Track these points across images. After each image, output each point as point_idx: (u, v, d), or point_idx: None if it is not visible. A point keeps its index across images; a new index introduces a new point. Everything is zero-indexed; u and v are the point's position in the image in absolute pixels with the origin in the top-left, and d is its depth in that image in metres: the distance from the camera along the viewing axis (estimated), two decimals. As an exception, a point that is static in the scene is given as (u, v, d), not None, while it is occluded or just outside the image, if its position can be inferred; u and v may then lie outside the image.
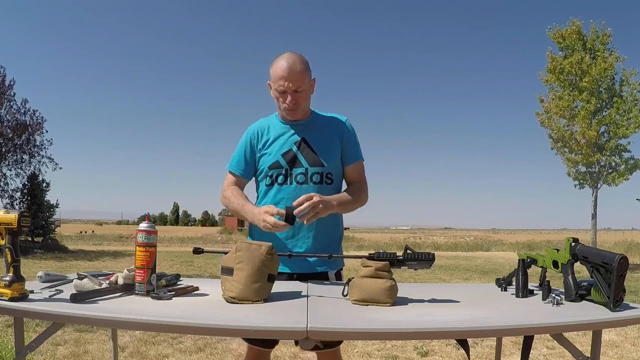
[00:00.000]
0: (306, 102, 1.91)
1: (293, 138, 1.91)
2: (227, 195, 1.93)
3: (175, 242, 26.37)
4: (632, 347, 4.06)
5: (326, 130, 1.95)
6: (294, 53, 1.87)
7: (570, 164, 13.15)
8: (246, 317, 1.22)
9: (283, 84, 1.81)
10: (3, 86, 15.71)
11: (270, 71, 1.87)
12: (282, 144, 1.91)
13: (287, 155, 1.89)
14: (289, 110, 1.87)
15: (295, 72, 1.81)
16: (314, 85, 1.93)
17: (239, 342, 4.00)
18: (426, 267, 1.46)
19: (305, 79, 1.85)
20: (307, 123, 1.95)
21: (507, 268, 11.90)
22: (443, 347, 3.98)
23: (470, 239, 36.86)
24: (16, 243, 1.31)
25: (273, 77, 1.85)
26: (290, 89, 1.82)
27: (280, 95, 1.85)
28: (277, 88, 1.84)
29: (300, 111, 1.90)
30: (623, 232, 44.02)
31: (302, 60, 1.85)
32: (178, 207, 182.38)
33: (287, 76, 1.80)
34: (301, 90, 1.84)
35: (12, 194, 16.75)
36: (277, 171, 1.89)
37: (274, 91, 1.88)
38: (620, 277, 1.34)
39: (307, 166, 1.88)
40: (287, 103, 1.84)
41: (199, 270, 10.15)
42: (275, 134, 1.94)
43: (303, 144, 1.90)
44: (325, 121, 1.98)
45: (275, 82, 1.84)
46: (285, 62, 1.81)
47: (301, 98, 1.86)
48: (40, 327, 3.94)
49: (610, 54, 12.50)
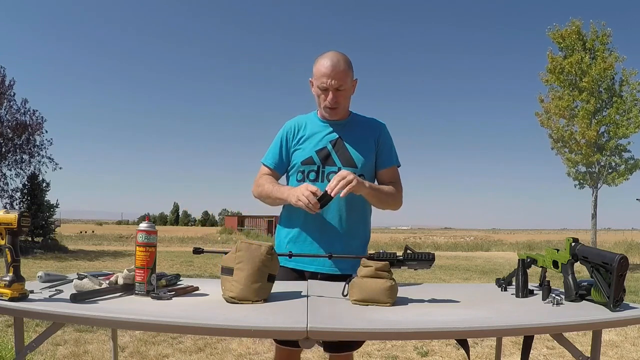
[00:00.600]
0: (346, 101, 1.91)
1: (329, 136, 1.91)
2: (260, 182, 1.94)
3: (175, 242, 26.39)
4: (632, 347, 4.06)
5: (363, 132, 1.94)
6: (338, 52, 1.87)
7: (570, 164, 13.16)
8: (246, 317, 1.22)
9: (325, 81, 1.81)
10: (3, 86, 15.71)
11: (314, 68, 1.87)
12: (317, 140, 1.91)
13: (321, 153, 1.89)
14: (329, 109, 1.87)
15: (338, 71, 1.81)
16: (356, 85, 1.94)
17: (239, 342, 4.00)
18: (426, 267, 1.46)
19: (347, 78, 1.85)
20: (345, 123, 1.94)
21: (507, 268, 11.91)
22: (443, 347, 3.98)
23: (470, 239, 36.88)
24: (16, 243, 1.31)
25: (316, 74, 1.85)
26: (332, 87, 1.82)
27: (322, 93, 1.85)
28: (319, 85, 1.84)
29: (341, 110, 1.90)
30: (623, 232, 44.03)
31: (345, 59, 1.86)
32: (178, 207, 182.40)
33: (330, 74, 1.80)
34: (343, 89, 1.84)
35: (12, 194, 16.76)
36: (309, 167, 1.89)
37: (315, 88, 1.88)
38: (620, 277, 1.34)
39: (340, 165, 1.87)
40: (328, 101, 1.84)
41: (199, 270, 10.15)
42: (312, 131, 1.94)
43: (339, 143, 1.90)
44: (364, 123, 1.98)
45: (317, 79, 1.84)
46: (329, 60, 1.82)
47: (342, 97, 1.86)
48: (40, 327, 3.94)
49: (610, 54, 12.51)
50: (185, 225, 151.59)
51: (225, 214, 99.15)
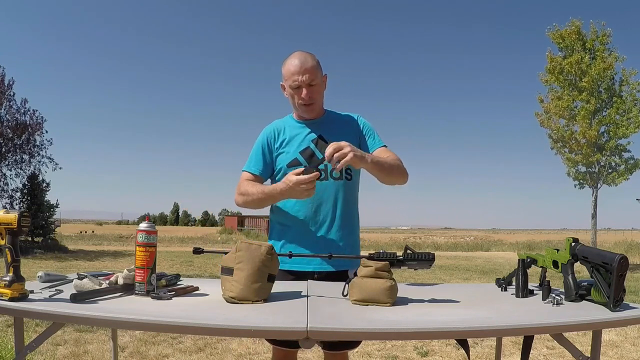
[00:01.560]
0: (320, 98, 1.93)
1: (310, 136, 1.92)
2: (244, 188, 1.89)
3: (175, 242, 26.38)
4: (632, 347, 4.06)
5: (342, 127, 1.96)
6: (303, 51, 1.89)
7: (570, 164, 13.15)
8: (246, 317, 1.22)
9: (297, 78, 1.83)
10: (3, 86, 15.70)
11: (283, 71, 1.89)
12: (299, 142, 1.92)
13: (305, 153, 1.90)
14: (304, 106, 1.88)
15: (307, 67, 1.83)
16: (326, 81, 1.95)
17: (239, 342, 4.00)
18: (426, 267, 1.46)
19: (317, 73, 1.87)
20: (322, 121, 1.96)
21: (507, 268, 11.91)
22: (443, 347, 3.98)
23: (470, 239, 36.87)
24: (16, 243, 1.31)
25: (286, 75, 1.87)
26: (305, 83, 1.84)
27: (295, 92, 1.87)
28: (291, 84, 1.86)
29: (316, 107, 1.92)
30: (623, 232, 44.02)
31: (312, 56, 1.88)
32: (178, 207, 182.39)
33: (300, 70, 1.83)
34: (315, 83, 1.86)
35: (12, 194, 16.76)
36: (295, 169, 1.87)
37: (288, 89, 1.89)
38: (620, 277, 1.34)
39: (326, 162, 1.87)
40: (302, 97, 1.85)
41: (199, 270, 10.15)
42: (292, 133, 1.95)
43: (320, 141, 1.91)
44: (340, 119, 2.01)
45: (288, 79, 1.86)
46: (296, 59, 1.85)
47: (316, 92, 1.88)
48: (40, 327, 3.94)
49: (610, 54, 12.50)
50: (185, 225, 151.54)
51: (225, 214, 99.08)
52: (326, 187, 1.88)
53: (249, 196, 1.88)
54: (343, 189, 1.90)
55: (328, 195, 1.88)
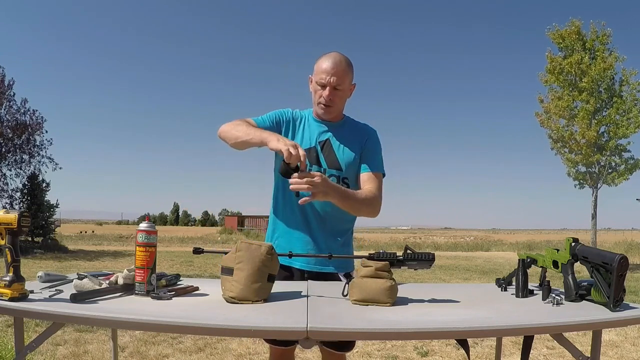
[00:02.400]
0: (342, 102, 1.90)
1: (319, 137, 1.91)
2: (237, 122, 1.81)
3: (175, 242, 26.37)
4: (632, 347, 4.06)
5: (352, 136, 1.93)
6: (342, 54, 1.87)
7: (570, 164, 13.16)
8: (246, 317, 1.22)
9: (325, 77, 1.81)
10: (2, 86, 15.70)
11: (315, 65, 1.87)
12: (307, 139, 1.91)
13: (310, 152, 1.89)
14: (323, 106, 1.86)
15: (339, 69, 1.81)
16: (353, 90, 1.93)
17: (239, 342, 4.00)
18: (426, 267, 1.46)
19: (347, 78, 1.85)
20: (337, 126, 1.94)
21: (507, 268, 11.91)
22: (443, 347, 3.98)
23: (470, 239, 36.88)
24: (16, 243, 1.31)
25: (316, 70, 1.85)
26: (331, 84, 1.82)
27: (320, 89, 1.85)
28: (318, 80, 1.84)
29: (334, 110, 1.89)
30: (623, 232, 44.03)
31: (348, 61, 1.86)
32: (178, 207, 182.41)
33: (330, 71, 1.80)
34: (340, 88, 1.84)
35: (12, 194, 16.76)
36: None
37: (314, 84, 1.88)
38: (620, 277, 1.34)
39: (325, 167, 1.88)
40: (323, 97, 1.84)
41: (199, 270, 10.15)
42: (305, 127, 1.94)
43: (327, 145, 1.90)
44: (355, 128, 1.97)
45: (317, 75, 1.84)
46: (331, 58, 1.83)
47: (338, 97, 1.86)
48: (40, 327, 3.94)
49: (610, 54, 12.51)
50: (185, 225, 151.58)
51: (225, 214, 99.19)
52: None
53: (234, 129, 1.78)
54: None
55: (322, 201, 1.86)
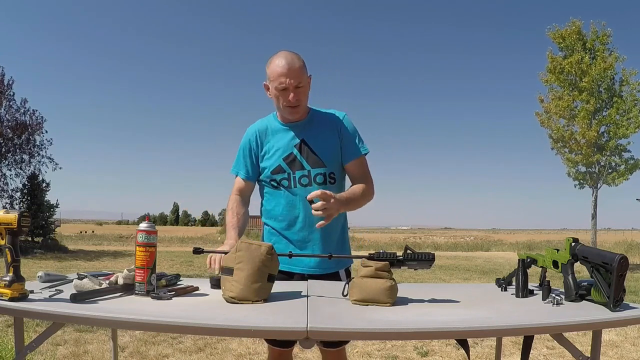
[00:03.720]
0: (306, 99, 1.90)
1: (293, 141, 1.91)
2: (228, 207, 1.96)
3: (175, 242, 26.35)
4: (632, 347, 4.06)
5: (325, 129, 1.93)
6: (290, 51, 1.86)
7: (570, 164, 13.15)
8: (246, 317, 1.22)
9: (284, 80, 1.79)
10: (2, 86, 15.69)
11: (268, 71, 1.85)
12: (283, 148, 1.91)
13: (289, 159, 1.89)
14: (290, 108, 1.85)
15: (295, 68, 1.80)
16: (310, 82, 1.91)
17: (239, 342, 4.00)
18: (426, 267, 1.46)
19: (304, 74, 1.84)
20: (305, 123, 1.93)
21: (507, 268, 11.91)
22: (443, 347, 3.98)
23: (470, 239, 36.86)
24: (16, 243, 1.31)
25: (272, 76, 1.82)
26: (292, 85, 1.80)
27: (281, 94, 1.82)
28: (277, 86, 1.81)
29: (302, 109, 1.89)
30: (623, 232, 43.99)
31: (298, 57, 1.85)
32: (178, 207, 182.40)
33: (288, 72, 1.78)
34: (301, 86, 1.83)
35: (12, 194, 16.74)
36: (280, 176, 1.90)
37: (273, 90, 1.85)
38: (620, 277, 1.34)
39: (309, 168, 1.88)
40: (289, 99, 1.82)
41: (199, 270, 10.14)
42: (275, 137, 1.93)
43: (303, 146, 1.90)
44: (324, 119, 1.96)
45: (275, 80, 1.81)
46: (284, 60, 1.80)
47: (302, 94, 1.85)
48: (40, 327, 3.94)
49: (610, 54, 12.50)
50: (185, 225, 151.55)
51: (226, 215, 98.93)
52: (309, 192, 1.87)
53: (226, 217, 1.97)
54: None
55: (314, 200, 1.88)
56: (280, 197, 1.91)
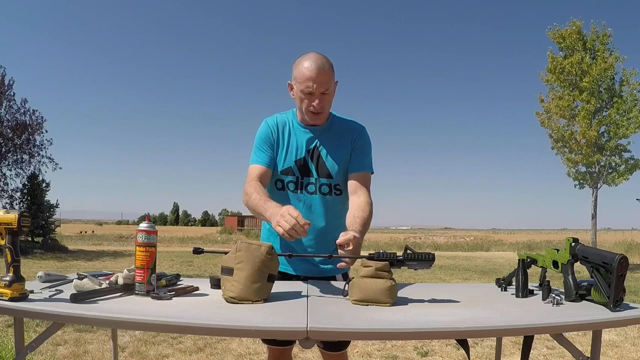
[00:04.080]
0: (330, 105, 1.85)
1: (308, 145, 1.87)
2: (249, 191, 1.77)
3: (175, 242, 26.37)
4: (632, 347, 4.06)
5: (340, 138, 1.89)
6: (320, 54, 1.79)
7: (571, 164, 13.15)
8: (246, 317, 1.22)
9: (311, 85, 1.73)
10: (3, 86, 15.71)
11: (295, 71, 1.79)
12: (296, 150, 1.87)
13: (300, 163, 1.86)
14: (313, 114, 1.80)
15: (324, 74, 1.74)
16: (336, 88, 1.87)
17: (239, 342, 4.00)
18: (426, 267, 1.46)
19: (332, 81, 1.79)
20: (324, 129, 1.89)
21: (507, 268, 11.91)
22: (443, 347, 3.98)
23: (470, 239, 36.86)
24: (16, 243, 1.31)
25: (299, 78, 1.76)
26: (318, 91, 1.75)
27: (306, 97, 1.77)
28: (303, 89, 1.76)
29: (324, 115, 1.85)
30: (623, 232, 43.97)
31: (329, 61, 1.79)
32: (178, 207, 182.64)
33: (316, 77, 1.73)
34: (328, 92, 1.78)
35: (12, 194, 16.76)
36: (288, 177, 1.87)
37: (298, 92, 1.80)
38: (620, 277, 1.34)
39: (316, 177, 1.86)
40: (313, 105, 1.77)
41: (199, 270, 10.15)
42: (292, 137, 1.89)
43: (315, 153, 1.87)
44: (342, 128, 1.91)
45: (301, 83, 1.76)
46: (314, 63, 1.74)
47: (327, 101, 1.80)
48: (40, 327, 3.95)
49: (611, 54, 12.51)
50: (185, 225, 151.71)
51: (225, 214, 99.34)
52: (318, 201, 1.87)
53: (249, 200, 1.77)
54: (332, 203, 1.88)
55: (320, 208, 1.87)
56: (284, 200, 1.85)
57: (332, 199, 1.88)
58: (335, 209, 1.89)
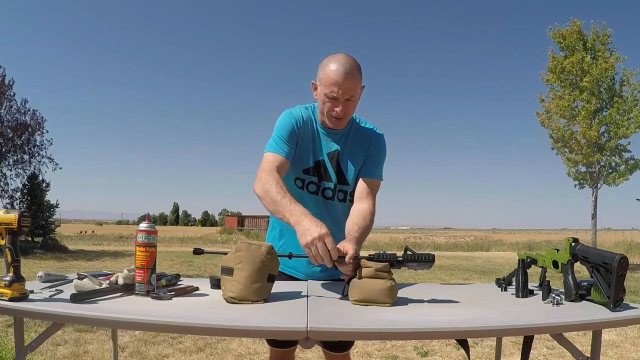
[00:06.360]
0: (353, 111, 1.78)
1: (328, 148, 1.82)
2: (268, 180, 1.59)
3: (175, 242, 26.36)
4: (632, 347, 4.06)
5: (358, 145, 1.84)
6: (349, 56, 1.69)
7: (571, 164, 13.16)
8: (246, 317, 1.22)
9: (337, 90, 1.65)
10: (3, 86, 15.72)
11: (320, 73, 1.70)
12: (318, 151, 1.81)
13: (320, 165, 1.81)
14: (335, 119, 1.73)
15: (351, 80, 1.65)
16: (362, 92, 1.77)
17: (239, 342, 4.00)
18: (426, 267, 1.46)
19: (358, 87, 1.70)
20: (344, 134, 1.83)
21: (507, 268, 11.91)
22: (443, 347, 3.98)
23: (470, 239, 36.87)
24: (16, 243, 1.31)
25: (325, 81, 1.67)
26: (343, 97, 1.67)
27: (329, 101, 1.69)
28: (327, 93, 1.67)
29: (345, 122, 1.78)
30: (623, 232, 44.00)
31: (358, 66, 1.69)
32: (178, 207, 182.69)
33: (342, 83, 1.64)
34: (354, 99, 1.70)
35: (12, 194, 16.79)
36: (309, 178, 1.81)
37: (321, 95, 1.71)
38: (620, 277, 1.34)
39: (335, 182, 1.82)
40: (336, 111, 1.69)
41: (199, 270, 10.15)
42: (314, 138, 1.82)
43: (335, 158, 1.82)
44: (361, 134, 1.86)
45: (326, 87, 1.67)
46: (341, 67, 1.64)
47: (350, 107, 1.72)
48: (40, 327, 3.94)
49: (611, 54, 12.52)
50: (185, 225, 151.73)
51: (225, 214, 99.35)
52: (333, 206, 1.85)
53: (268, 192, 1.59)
54: (347, 210, 1.84)
55: (334, 214, 1.85)
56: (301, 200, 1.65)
57: (347, 206, 1.84)
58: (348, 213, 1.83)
